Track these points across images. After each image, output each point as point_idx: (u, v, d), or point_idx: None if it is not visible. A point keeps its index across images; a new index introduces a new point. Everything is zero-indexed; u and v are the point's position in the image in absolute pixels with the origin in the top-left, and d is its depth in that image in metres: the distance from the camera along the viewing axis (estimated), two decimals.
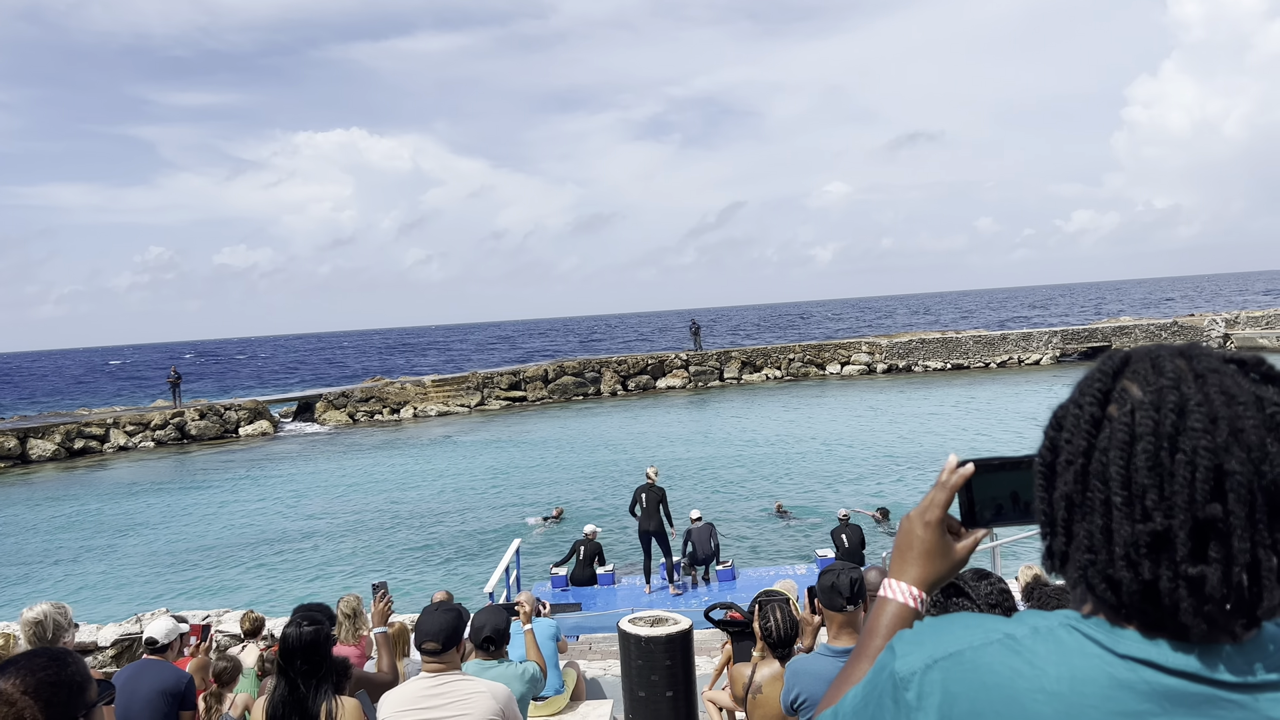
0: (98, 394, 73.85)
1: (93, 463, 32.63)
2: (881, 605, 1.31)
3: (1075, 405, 1.05)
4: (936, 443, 25.32)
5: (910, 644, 1.08)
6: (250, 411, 38.30)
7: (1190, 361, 1.02)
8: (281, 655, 3.48)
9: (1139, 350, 1.06)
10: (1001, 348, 44.87)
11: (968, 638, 1.05)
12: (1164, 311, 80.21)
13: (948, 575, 1.30)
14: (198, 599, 15.35)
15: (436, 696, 3.43)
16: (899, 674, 1.06)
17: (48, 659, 1.74)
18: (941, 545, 1.29)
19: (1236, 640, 0.96)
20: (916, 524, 1.30)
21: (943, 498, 1.28)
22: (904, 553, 1.31)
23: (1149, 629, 0.98)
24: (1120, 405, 1.01)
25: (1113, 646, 0.98)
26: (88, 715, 1.75)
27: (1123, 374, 1.04)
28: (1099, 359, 1.08)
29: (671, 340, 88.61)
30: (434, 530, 19.45)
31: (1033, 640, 1.01)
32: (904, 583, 1.30)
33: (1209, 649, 0.96)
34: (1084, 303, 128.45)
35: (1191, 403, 0.97)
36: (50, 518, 23.23)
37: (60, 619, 3.84)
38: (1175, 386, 0.99)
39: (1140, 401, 1.00)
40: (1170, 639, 0.97)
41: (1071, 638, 1.00)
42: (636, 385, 43.90)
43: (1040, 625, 1.03)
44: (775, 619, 4.30)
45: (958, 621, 1.09)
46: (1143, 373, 1.02)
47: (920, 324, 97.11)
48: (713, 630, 8.52)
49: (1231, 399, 0.97)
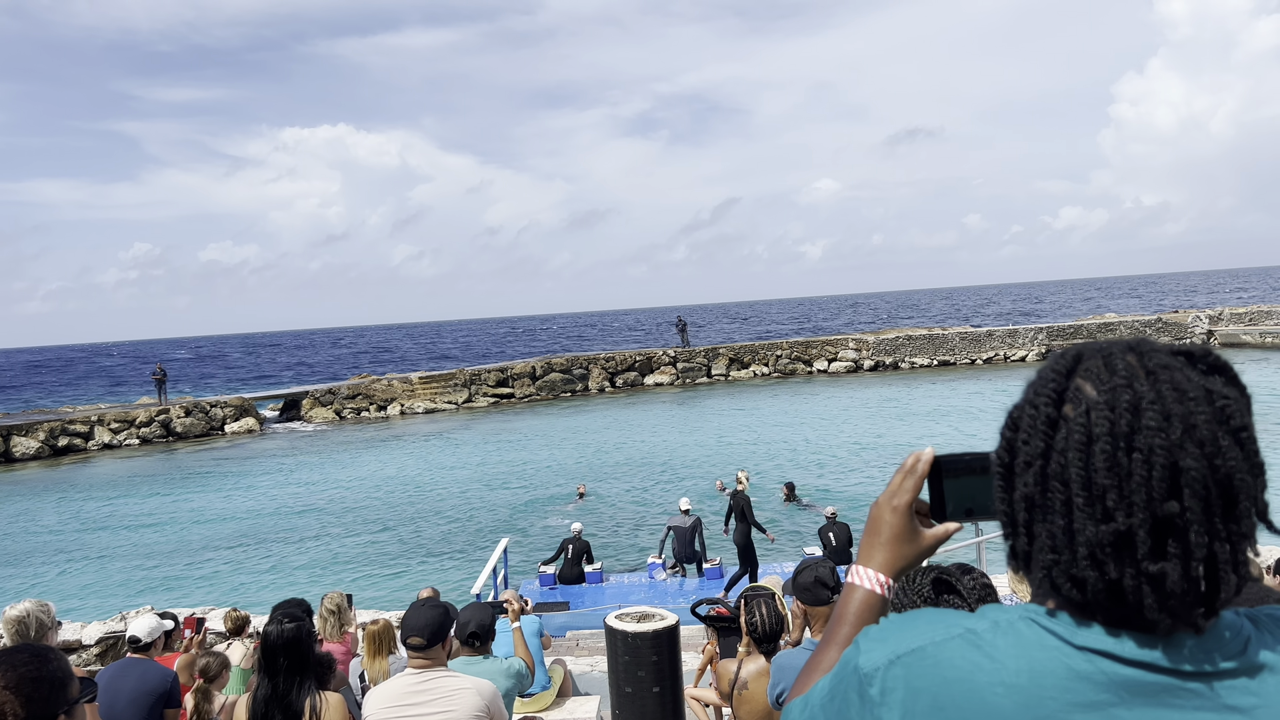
0: (86, 390, 73.40)
1: (77, 460, 32.42)
2: (849, 591, 1.30)
3: (1030, 406, 1.06)
4: (918, 438, 25.41)
5: (874, 640, 1.09)
6: (236, 409, 38.12)
7: (1141, 357, 1.03)
8: (263, 653, 3.48)
9: (1090, 347, 1.07)
10: (987, 344, 45.06)
11: (930, 633, 1.05)
12: (1155, 306, 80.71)
13: (915, 561, 1.29)
14: (182, 597, 15.28)
15: (422, 693, 3.43)
16: (863, 669, 1.07)
17: (29, 655, 1.73)
18: (909, 531, 1.27)
19: (1199, 631, 0.98)
20: (884, 509, 1.28)
21: (911, 484, 1.27)
22: (871, 538, 1.29)
23: (1113, 624, 0.99)
24: (1075, 405, 1.02)
25: (1070, 639, 0.99)
26: (69, 712, 1.74)
27: (1076, 372, 1.04)
28: (1050, 357, 1.09)
29: (660, 338, 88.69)
30: (421, 528, 19.41)
31: (993, 634, 1.02)
32: (870, 569, 1.28)
33: (1167, 640, 0.98)
34: (1071, 299, 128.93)
35: (1145, 400, 0.98)
36: (33, 516, 23.06)
37: (43, 617, 3.82)
38: (1128, 385, 1.00)
39: (1095, 401, 1.00)
40: (1134, 632, 0.98)
41: (1031, 631, 1.01)
42: (624, 382, 43.88)
43: (1001, 619, 1.04)
44: (761, 614, 4.32)
45: (921, 617, 1.10)
46: (1095, 371, 1.03)
47: (908, 320, 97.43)
48: (700, 626, 8.54)
49: (1183, 394, 0.98)
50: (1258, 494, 0.99)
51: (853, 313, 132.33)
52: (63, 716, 1.71)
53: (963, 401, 32.52)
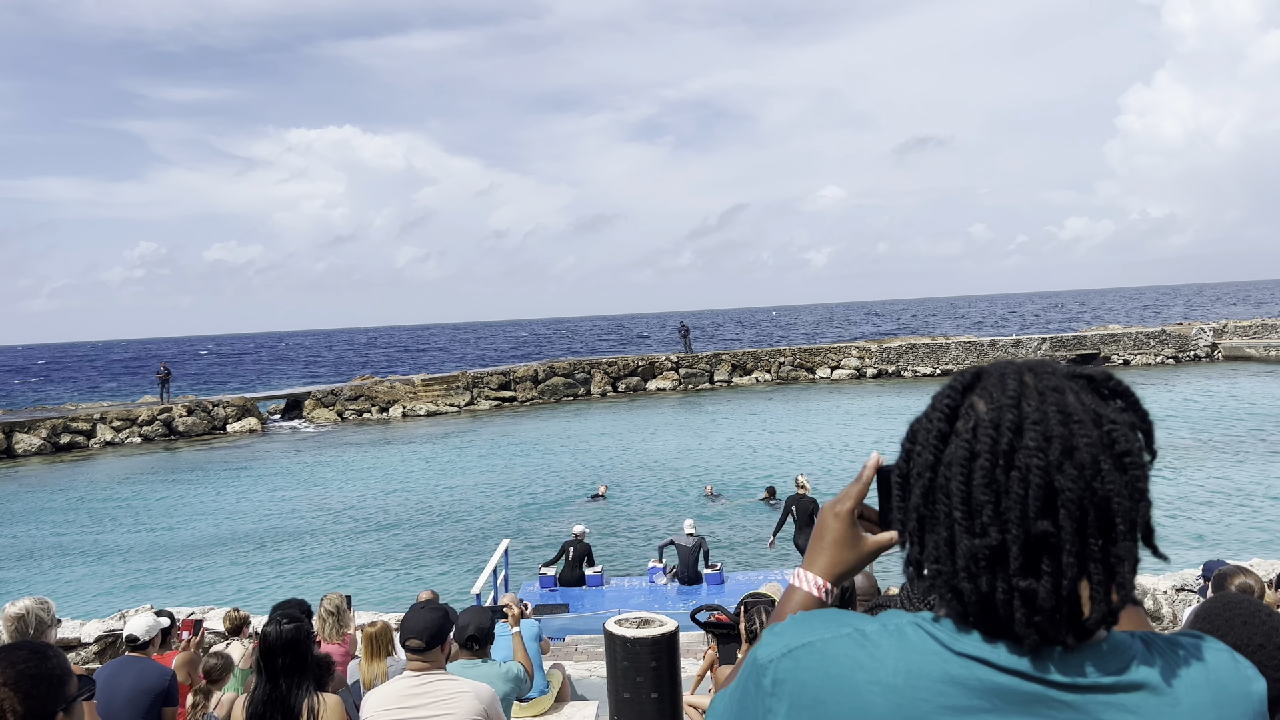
0: (97, 389, 73.54)
1: (79, 458, 32.45)
2: (790, 594, 1.33)
3: (927, 419, 1.10)
4: None
5: (774, 634, 1.13)
6: (238, 408, 38.16)
7: (1037, 377, 1.05)
8: (262, 653, 3.47)
9: (993, 366, 1.10)
10: (990, 354, 45.00)
11: (822, 630, 1.09)
12: (1160, 318, 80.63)
13: (857, 567, 1.31)
14: (182, 596, 15.28)
15: (420, 695, 3.42)
16: (759, 660, 1.11)
17: (28, 652, 1.73)
18: (850, 537, 1.29)
19: (1068, 648, 1.00)
20: (828, 515, 1.31)
21: (855, 490, 1.29)
22: (816, 543, 1.32)
23: (990, 634, 1.02)
24: (965, 421, 1.06)
25: (950, 645, 1.02)
26: (67, 709, 1.74)
27: (973, 389, 1.08)
28: (955, 374, 1.12)
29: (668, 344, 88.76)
30: (421, 530, 19.41)
31: (880, 636, 1.05)
32: (812, 573, 1.31)
33: (1042, 651, 1.00)
34: (1077, 310, 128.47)
35: (1028, 421, 1.01)
36: (34, 513, 23.09)
37: (43, 614, 3.82)
38: (1015, 404, 1.02)
39: (982, 419, 1.04)
40: (1008, 643, 1.01)
41: (916, 635, 1.04)
42: (626, 387, 43.89)
43: (890, 623, 1.07)
44: (761, 621, 4.31)
45: (819, 617, 1.13)
46: (989, 389, 1.06)
47: (913, 329, 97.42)
48: (699, 633, 8.52)
49: (1068, 417, 1.01)
50: (1137, 518, 1.01)
51: (866, 322, 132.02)
52: (61, 714, 1.71)
53: None
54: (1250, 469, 20.66)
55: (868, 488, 1.29)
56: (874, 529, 1.31)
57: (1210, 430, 25.11)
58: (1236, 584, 4.09)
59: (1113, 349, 44.21)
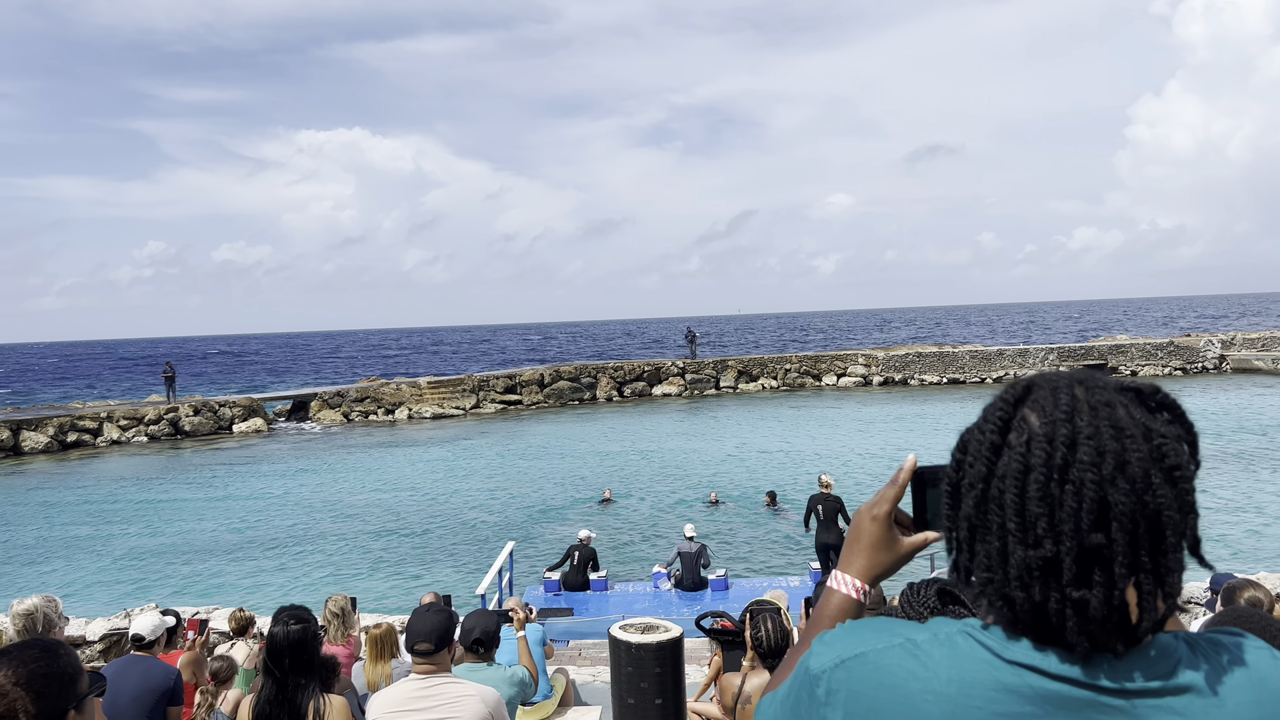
0: (104, 388, 73.76)
1: (85, 456, 32.55)
2: (828, 596, 1.36)
3: (979, 431, 1.13)
4: (924, 458, 25.30)
5: (825, 644, 1.16)
6: (244, 409, 38.24)
7: (1088, 391, 1.08)
8: (269, 654, 3.47)
9: (1042, 377, 1.13)
10: (997, 363, 44.92)
11: (873, 640, 1.12)
12: (1168, 329, 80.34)
13: (893, 569, 1.35)
14: (187, 595, 15.31)
15: (426, 698, 3.42)
16: (812, 670, 1.14)
17: (39, 650, 1.73)
18: (886, 539, 1.33)
19: (1118, 655, 1.03)
20: (865, 518, 1.34)
21: (891, 493, 1.33)
22: (852, 545, 1.35)
23: (1040, 642, 1.05)
24: (1019, 434, 1.08)
25: (1001, 653, 1.05)
26: (79, 707, 1.74)
27: (1024, 402, 1.10)
28: (1004, 385, 1.15)
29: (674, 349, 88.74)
30: (426, 532, 19.42)
31: (931, 645, 1.08)
32: (849, 575, 1.34)
33: (1093, 657, 1.03)
34: (1089, 320, 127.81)
35: (1082, 436, 1.04)
36: (40, 511, 23.16)
37: (50, 612, 3.83)
38: (1069, 419, 1.05)
39: (1036, 432, 1.06)
40: (1059, 649, 1.04)
41: (966, 644, 1.07)
42: (632, 392, 43.90)
43: (941, 632, 1.10)
44: (766, 629, 4.30)
45: (869, 625, 1.16)
46: (1042, 402, 1.09)
47: (922, 337, 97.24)
48: (703, 639, 8.51)
49: (1120, 432, 1.04)
50: (1187, 530, 1.04)
51: (882, 331, 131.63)
52: (73, 712, 1.71)
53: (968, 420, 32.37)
54: (1259, 481, 20.57)
55: (904, 490, 1.33)
56: (908, 531, 1.34)
57: (1219, 443, 25.01)
58: (1246, 597, 4.06)
59: (1120, 359, 44.08)
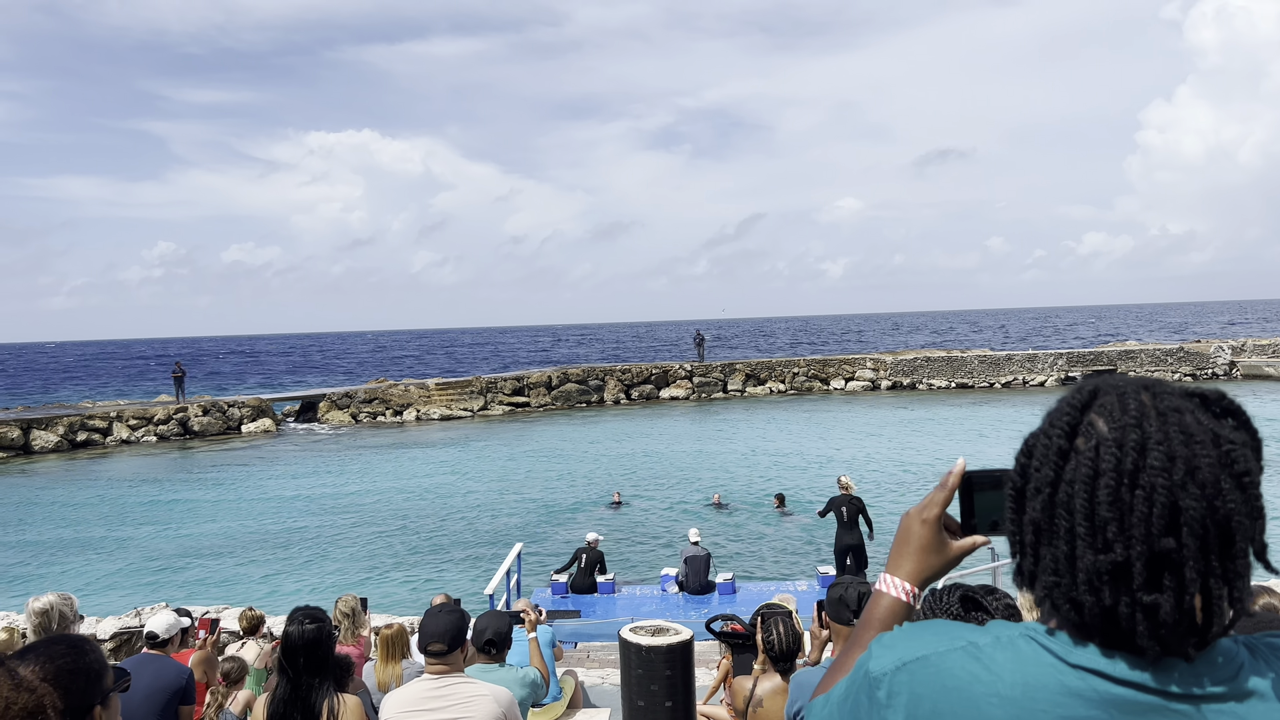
0: (114, 387, 74.04)
1: (94, 455, 32.67)
2: (876, 598, 1.38)
3: (1045, 436, 1.13)
4: (931, 461, 25.29)
5: (885, 646, 1.17)
6: (253, 409, 38.34)
7: (1155, 397, 1.09)
8: (284, 653, 3.48)
9: (1106, 383, 1.13)
10: (1006, 368, 44.80)
11: (935, 643, 1.13)
12: (1178, 335, 79.97)
13: (941, 572, 1.37)
14: (196, 595, 15.35)
15: (440, 698, 3.43)
16: (872, 673, 1.15)
17: (66, 646, 1.74)
18: (936, 542, 1.35)
19: (1189, 659, 1.04)
20: (914, 521, 1.36)
21: (941, 497, 1.34)
22: (900, 548, 1.37)
23: (1108, 646, 1.05)
24: (1087, 439, 1.09)
25: (1066, 657, 1.06)
26: (105, 702, 1.75)
27: (1091, 407, 1.11)
28: (1069, 389, 1.15)
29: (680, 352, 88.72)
30: (434, 533, 19.44)
31: (993, 648, 1.09)
32: (898, 578, 1.36)
33: (1160, 662, 1.04)
34: (1102, 327, 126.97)
35: (1152, 441, 1.05)
36: (51, 509, 23.25)
37: (66, 610, 3.85)
38: (1138, 424, 1.06)
39: (1105, 438, 1.07)
40: (1127, 654, 1.05)
41: (1029, 647, 1.08)
42: (640, 395, 43.90)
43: (1002, 635, 1.11)
44: (778, 632, 4.30)
45: (929, 628, 1.18)
46: (1109, 408, 1.09)
47: (930, 342, 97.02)
48: (711, 642, 8.50)
49: (1190, 437, 1.04)
50: (1255, 535, 1.05)
51: (890, 335, 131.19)
52: (99, 707, 1.73)
53: (979, 425, 32.33)
54: (1274, 488, 20.48)
55: (953, 494, 1.34)
56: (956, 535, 1.36)
57: None
58: (1261, 604, 4.04)
59: (1130, 365, 43.92)
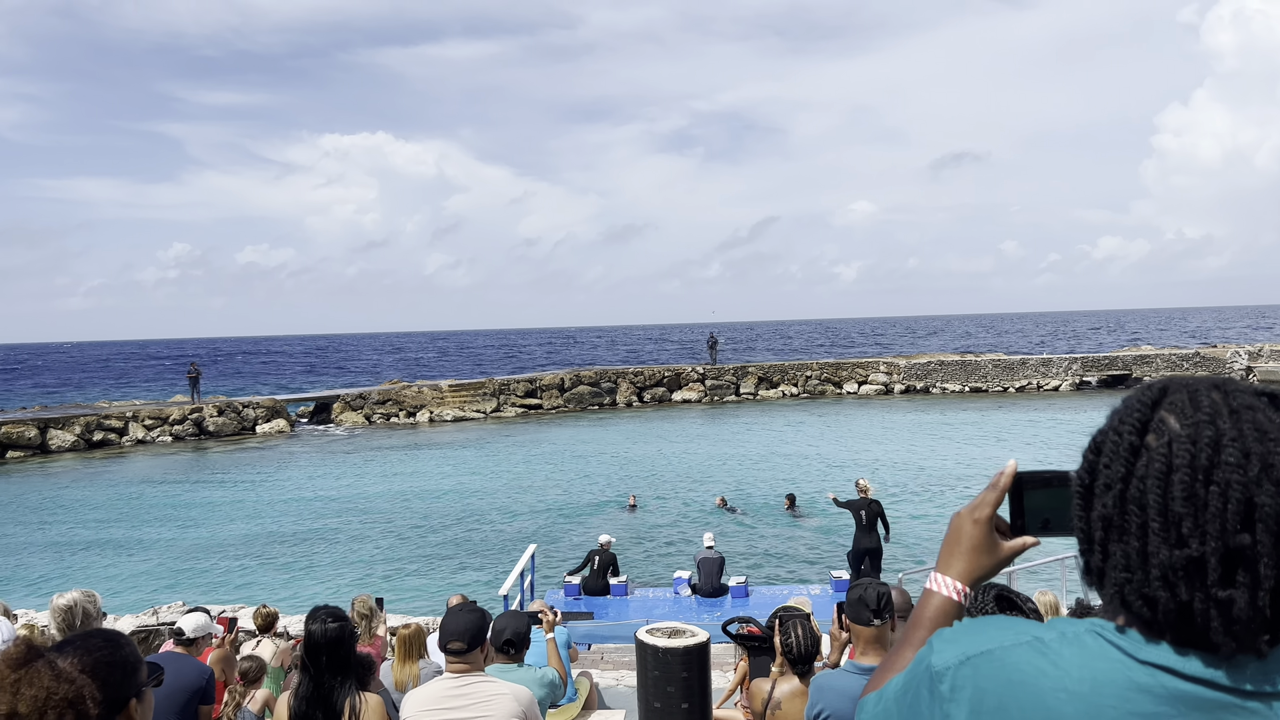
0: (124, 386, 74.50)
1: (110, 455, 32.89)
2: (927, 598, 1.38)
3: (1114, 433, 1.13)
4: (948, 466, 25.20)
5: (947, 641, 1.18)
6: (268, 410, 38.53)
7: (1226, 396, 1.09)
8: (306, 651, 3.50)
9: (1176, 381, 1.13)
10: (1020, 372, 44.61)
11: (999, 638, 1.13)
12: (1194, 340, 79.40)
13: (992, 572, 1.37)
14: (213, 593, 15.44)
15: (460, 697, 3.44)
16: (935, 667, 1.15)
17: (103, 639, 1.77)
18: (988, 542, 1.35)
19: (1262, 655, 1.03)
20: (966, 521, 1.36)
21: (992, 497, 1.34)
22: (951, 548, 1.37)
23: (1180, 643, 1.05)
24: (1158, 436, 1.08)
25: (1135, 653, 1.05)
26: (139, 696, 1.78)
27: (1161, 405, 1.11)
28: (1137, 388, 1.15)
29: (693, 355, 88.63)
30: (448, 534, 19.50)
31: (1059, 644, 1.09)
32: (949, 577, 1.37)
33: (1230, 660, 1.03)
34: (1122, 334, 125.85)
35: (1226, 438, 1.04)
36: (69, 509, 23.41)
37: (90, 607, 3.88)
38: (1211, 421, 1.06)
39: (1178, 434, 1.07)
40: (1198, 651, 1.04)
41: (1096, 643, 1.08)
42: (652, 397, 43.91)
43: (1068, 631, 1.11)
44: (797, 635, 4.29)
45: (992, 623, 1.18)
46: (1180, 405, 1.09)
47: (943, 345, 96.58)
48: (726, 644, 8.49)
49: (1264, 434, 1.04)
50: None
51: (904, 340, 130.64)
52: (134, 701, 1.75)
53: (994, 429, 32.19)
54: None
55: (1004, 494, 1.34)
56: (1006, 536, 1.36)
57: None
58: None
59: (1145, 370, 43.68)
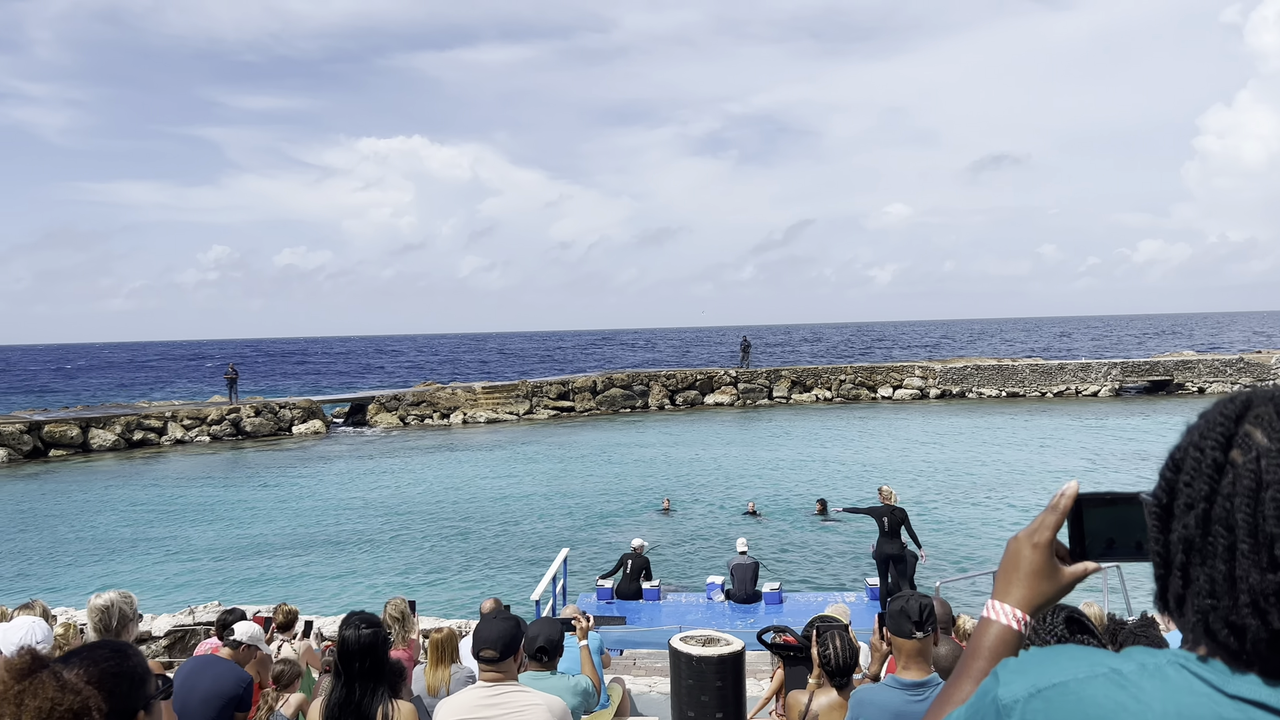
0: (164, 387, 75.73)
1: (150, 454, 33.40)
2: (984, 626, 1.30)
3: (1196, 449, 1.03)
4: (989, 472, 24.88)
5: (1015, 672, 1.09)
6: (304, 411, 38.93)
7: None
8: (340, 657, 3.47)
9: (1259, 394, 1.04)
10: (1059, 377, 43.98)
11: (1073, 669, 1.05)
12: (1237, 345, 77.86)
13: (1053, 599, 1.29)
14: (249, 593, 15.59)
15: (493, 705, 3.39)
16: (1002, 700, 1.07)
17: (109, 650, 1.77)
18: (1048, 568, 1.27)
19: None
20: (1025, 545, 1.28)
21: (1052, 520, 1.26)
22: (1009, 574, 1.29)
23: (1271, 675, 0.96)
24: (1245, 451, 0.99)
25: (1222, 686, 0.97)
26: (148, 708, 1.77)
27: (1245, 418, 1.02)
28: (1217, 401, 1.06)
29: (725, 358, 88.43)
30: (481, 536, 19.55)
31: (1139, 676, 1.01)
32: (1008, 604, 1.29)
33: None
34: (1172, 340, 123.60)
35: None
36: (109, 507, 23.79)
37: (126, 608, 3.89)
38: None
39: (1266, 449, 0.98)
40: None
41: (1180, 676, 0.99)
42: (684, 400, 43.83)
43: (1148, 662, 1.02)
44: (835, 646, 4.21)
45: (1064, 653, 1.09)
46: (1267, 418, 1.00)
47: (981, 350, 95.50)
48: (760, 653, 8.40)
49: None
50: None
51: (941, 345, 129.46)
52: (142, 713, 1.74)
53: (1036, 434, 31.75)
54: None
55: (1064, 517, 1.26)
56: (1066, 561, 1.28)
57: None
58: None
59: (1186, 375, 42.90)
